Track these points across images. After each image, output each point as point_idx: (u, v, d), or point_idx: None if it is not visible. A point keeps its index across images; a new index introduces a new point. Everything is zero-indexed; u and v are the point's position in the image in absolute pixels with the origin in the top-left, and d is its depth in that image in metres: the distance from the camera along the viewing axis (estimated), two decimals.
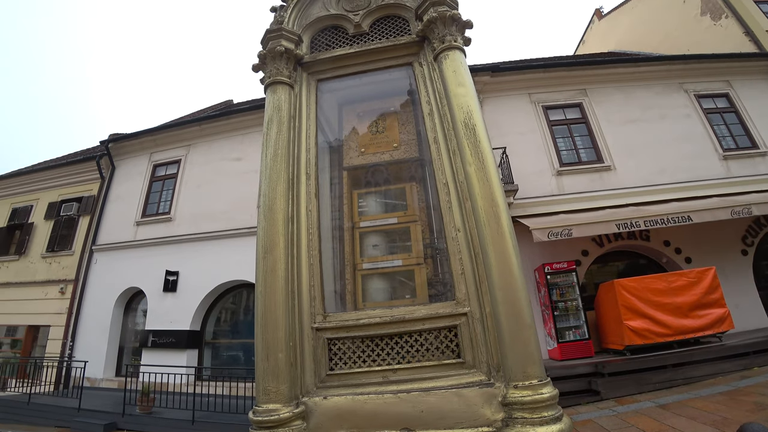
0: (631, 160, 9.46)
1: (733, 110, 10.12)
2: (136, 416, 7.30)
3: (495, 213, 1.72)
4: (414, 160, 2.59)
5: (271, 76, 2.30)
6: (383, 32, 2.48)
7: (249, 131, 11.02)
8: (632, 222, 7.76)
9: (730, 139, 9.79)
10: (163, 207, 11.17)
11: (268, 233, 1.88)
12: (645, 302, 7.06)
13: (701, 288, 7.13)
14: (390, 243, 2.41)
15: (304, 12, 2.61)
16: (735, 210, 7.67)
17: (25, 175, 13.39)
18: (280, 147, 2.09)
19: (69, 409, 7.64)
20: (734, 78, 10.38)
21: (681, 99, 10.19)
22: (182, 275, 10.03)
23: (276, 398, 1.62)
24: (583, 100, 10.27)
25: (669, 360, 6.54)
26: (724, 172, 9.32)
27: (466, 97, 2.00)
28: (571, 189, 9.28)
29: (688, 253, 8.79)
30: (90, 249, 11.18)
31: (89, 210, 11.71)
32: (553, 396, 1.48)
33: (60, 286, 10.95)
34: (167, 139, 11.89)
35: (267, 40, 2.38)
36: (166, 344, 9.41)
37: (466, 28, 2.26)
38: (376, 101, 2.90)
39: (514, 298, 1.59)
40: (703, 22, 12.70)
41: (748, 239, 8.90)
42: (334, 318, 1.87)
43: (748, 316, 8.01)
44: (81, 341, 10.29)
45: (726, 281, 7.64)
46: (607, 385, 6.33)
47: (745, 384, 5.58)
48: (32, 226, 12.32)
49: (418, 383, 1.66)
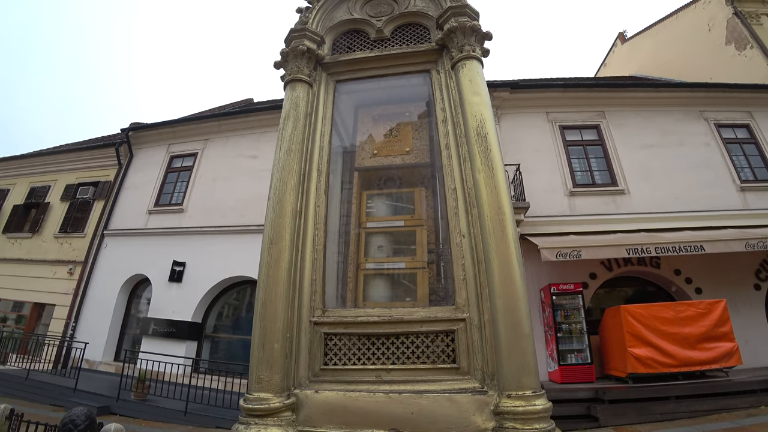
0: (645, 185, 9.34)
1: (753, 141, 9.96)
2: (130, 402, 7.35)
3: (501, 221, 1.72)
4: (425, 165, 2.61)
5: (292, 73, 2.35)
6: (403, 39, 2.52)
7: (267, 130, 11.16)
8: (643, 248, 7.64)
9: (748, 170, 9.62)
10: (176, 198, 11.35)
11: (275, 225, 1.91)
12: (651, 330, 6.91)
13: (710, 320, 6.96)
14: (395, 245, 2.42)
15: (328, 14, 2.67)
16: (750, 243, 7.50)
17: (46, 156, 13.75)
18: (295, 142, 2.13)
19: (65, 388, 7.73)
20: (756, 109, 10.22)
21: (701, 127, 10.06)
22: (189, 267, 10.14)
23: (268, 387, 1.63)
24: (601, 122, 10.21)
25: (673, 391, 6.37)
26: (740, 204, 9.14)
27: (481, 106, 2.02)
28: (583, 210, 9.19)
29: (699, 283, 8.60)
30: (101, 233, 11.38)
31: (104, 195, 11.95)
32: (546, 409, 1.46)
33: (69, 267, 11.15)
34: (186, 132, 12.13)
35: (290, 39, 2.44)
36: (166, 333, 9.49)
37: (486, 39, 2.29)
38: (392, 106, 2.94)
39: (515, 306, 1.59)
40: (728, 52, 12.57)
41: (761, 274, 8.68)
42: (333, 313, 1.88)
43: (758, 353, 7.76)
44: (83, 323, 10.44)
45: (736, 315, 7.44)
46: (606, 411, 6.19)
47: (751, 422, 5.41)
48: (48, 206, 12.61)
49: (411, 385, 1.66)
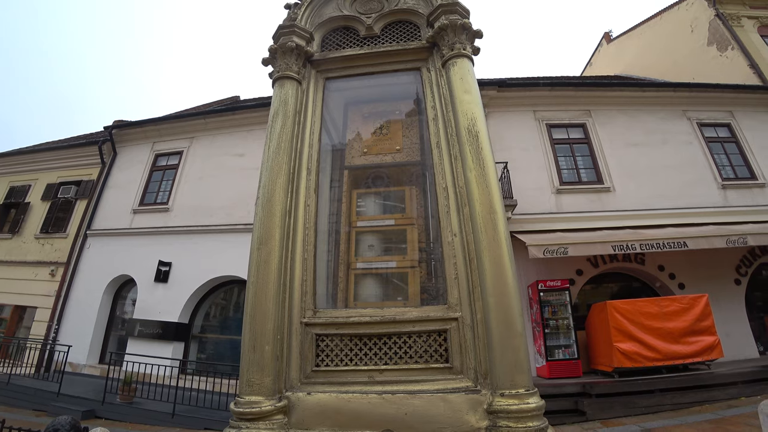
0: (630, 182, 9.52)
1: (734, 140, 10.23)
2: (116, 405, 7.21)
3: (492, 220, 1.72)
4: (415, 164, 2.59)
5: (281, 70, 2.31)
6: (394, 36, 2.50)
7: (254, 128, 11.03)
8: (628, 244, 7.78)
9: (729, 168, 9.88)
10: (161, 197, 11.15)
11: (264, 224, 1.88)
12: (636, 325, 7.05)
13: (693, 314, 7.13)
14: (385, 244, 2.41)
15: (317, 11, 2.63)
16: (731, 239, 7.71)
17: (25, 154, 13.36)
18: (284, 140, 2.09)
19: (48, 393, 7.54)
20: (737, 109, 10.50)
21: (684, 126, 10.29)
22: (175, 267, 9.97)
23: (259, 390, 1.60)
24: (587, 120, 10.35)
25: (657, 384, 6.52)
26: (722, 201, 9.39)
27: (471, 104, 2.02)
28: (570, 208, 9.32)
29: (682, 279, 8.81)
30: (84, 233, 11.11)
31: (87, 194, 11.66)
32: (539, 407, 1.47)
33: (51, 268, 10.87)
34: (171, 130, 11.90)
35: (279, 35, 2.40)
36: (152, 335, 9.32)
37: (476, 37, 2.28)
38: (382, 103, 2.92)
39: (507, 305, 1.59)
40: (710, 53, 12.86)
41: (741, 269, 8.93)
42: (324, 314, 1.86)
43: (738, 346, 8.01)
44: (67, 325, 10.19)
45: (718, 309, 7.65)
46: (593, 406, 6.30)
47: (732, 413, 5.57)
48: (28, 206, 12.26)
49: (404, 385, 1.65)
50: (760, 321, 8.87)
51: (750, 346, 8.26)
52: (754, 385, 6.54)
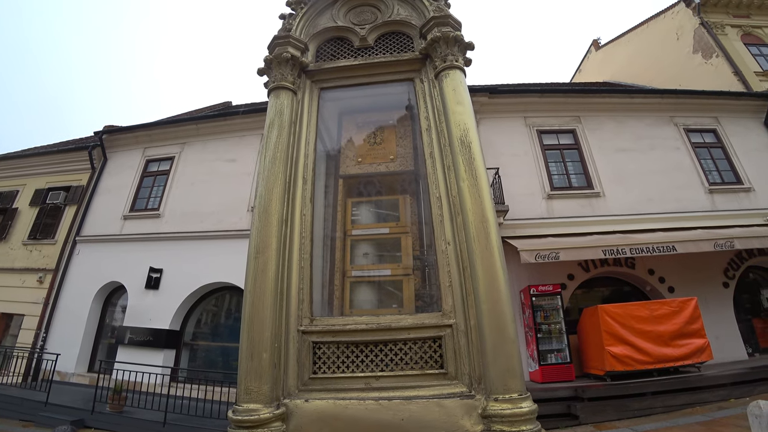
0: (620, 187, 9.68)
1: (720, 146, 10.46)
2: (105, 414, 7.09)
3: (485, 228, 1.76)
4: (409, 173, 2.63)
5: (276, 81, 2.34)
6: (387, 47, 2.55)
7: (246, 134, 11.02)
8: (619, 249, 7.90)
9: (716, 173, 10.10)
10: (152, 203, 11.05)
11: (261, 234, 1.90)
12: (627, 329, 7.14)
13: (683, 318, 7.25)
14: (380, 252, 2.44)
15: (312, 21, 2.67)
16: (718, 243, 7.87)
17: (13, 159, 13.16)
18: (280, 150, 2.12)
19: (36, 402, 7.39)
20: (722, 115, 10.75)
21: (671, 132, 10.51)
22: (166, 273, 9.87)
23: (257, 398, 1.62)
24: (576, 126, 10.52)
25: (649, 388, 6.60)
26: (709, 205, 9.58)
27: (464, 115, 2.07)
28: (561, 213, 9.44)
29: (672, 282, 8.96)
30: (73, 240, 10.96)
31: (77, 200, 11.52)
32: (532, 411, 1.50)
33: (39, 275, 10.69)
34: (162, 136, 11.83)
35: (274, 45, 2.43)
36: (143, 342, 9.21)
37: (468, 49, 2.33)
38: (376, 113, 2.96)
39: (500, 311, 1.63)
40: (695, 60, 13.17)
41: (729, 272, 9.10)
42: (320, 322, 1.88)
43: (727, 348, 8.15)
44: (55, 333, 10.02)
45: (707, 312, 7.78)
46: (586, 409, 6.35)
47: (722, 415, 5.66)
48: (16, 212, 12.06)
49: (400, 391, 1.68)
50: (748, 323, 9.04)
51: (738, 348, 8.41)
52: (742, 386, 6.65)
